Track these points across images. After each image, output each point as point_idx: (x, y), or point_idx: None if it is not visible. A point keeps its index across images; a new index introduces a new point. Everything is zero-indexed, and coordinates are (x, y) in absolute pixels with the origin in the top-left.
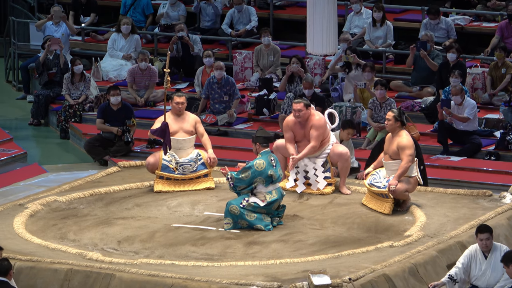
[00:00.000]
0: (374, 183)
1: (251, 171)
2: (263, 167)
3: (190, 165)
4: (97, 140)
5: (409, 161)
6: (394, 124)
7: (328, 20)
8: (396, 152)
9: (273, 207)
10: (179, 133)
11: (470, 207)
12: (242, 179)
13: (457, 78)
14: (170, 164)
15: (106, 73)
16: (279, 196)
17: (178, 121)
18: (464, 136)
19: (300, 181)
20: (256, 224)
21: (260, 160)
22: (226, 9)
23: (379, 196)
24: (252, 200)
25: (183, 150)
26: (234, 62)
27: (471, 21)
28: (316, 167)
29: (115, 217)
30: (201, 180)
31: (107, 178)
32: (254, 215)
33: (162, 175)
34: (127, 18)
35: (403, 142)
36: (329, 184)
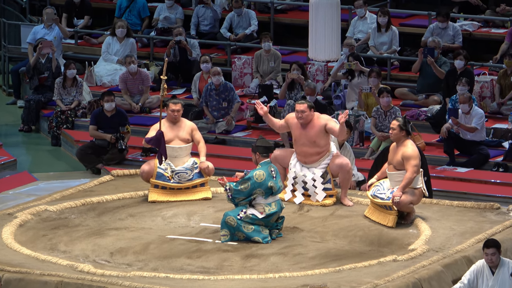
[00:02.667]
0: (377, 194)
1: (251, 182)
2: (263, 179)
3: (186, 173)
4: (89, 147)
5: (414, 172)
6: (399, 134)
7: (331, 24)
8: (400, 163)
9: (272, 220)
10: (175, 141)
11: (477, 221)
12: (241, 190)
13: (465, 86)
14: (165, 172)
15: (100, 78)
16: (279, 209)
17: (173, 129)
18: (471, 146)
19: (298, 191)
20: (253, 236)
21: (260, 171)
22: (225, 12)
23: (382, 208)
24: (250, 212)
25: (179, 158)
26: (233, 68)
27: (479, 27)
28: (315, 177)
29: (107, 228)
30: (198, 189)
31: (99, 187)
32: (251, 227)
33: (157, 183)
34: (122, 21)
35: (408, 152)
36: (330, 196)
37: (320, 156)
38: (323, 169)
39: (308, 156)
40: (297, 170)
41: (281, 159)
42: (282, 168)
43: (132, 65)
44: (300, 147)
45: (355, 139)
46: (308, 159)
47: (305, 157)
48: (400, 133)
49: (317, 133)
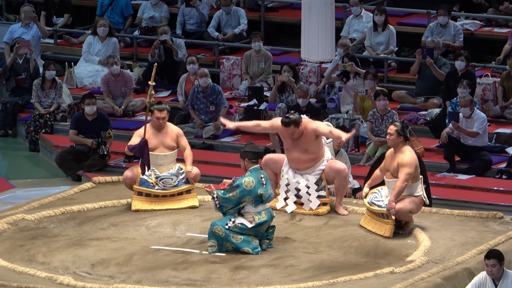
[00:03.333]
0: (374, 202)
1: (239, 190)
2: (252, 186)
3: (171, 179)
4: (69, 153)
5: (405, 180)
6: (396, 139)
7: (325, 23)
8: (397, 170)
9: (262, 229)
10: (159, 149)
11: (479, 231)
12: (229, 198)
13: (466, 88)
14: (149, 178)
15: (81, 80)
16: (269, 218)
17: (158, 136)
18: (473, 152)
19: (290, 199)
20: (243, 247)
21: (249, 178)
22: (213, 10)
23: (378, 217)
24: (239, 221)
25: (164, 166)
26: (221, 69)
27: (481, 26)
28: (309, 184)
29: (88, 238)
30: (184, 197)
31: (80, 195)
32: (240, 237)
33: (141, 190)
34: (104, 20)
35: (404, 159)
36: (324, 204)
37: (314, 162)
38: (317, 175)
39: (301, 163)
40: (289, 177)
41: (272, 165)
42: (274, 175)
43: (114, 66)
44: (292, 154)
45: (350, 145)
46: (301, 166)
47: (298, 164)
48: (398, 139)
49: (309, 141)
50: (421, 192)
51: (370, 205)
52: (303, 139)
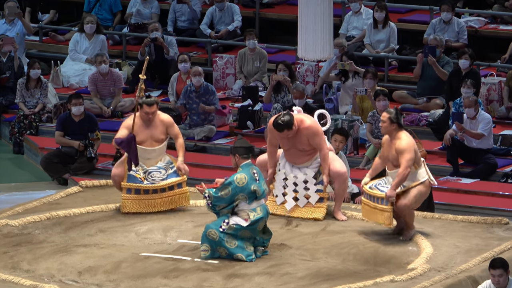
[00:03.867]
0: (378, 187)
1: (232, 187)
2: (245, 182)
3: (159, 173)
4: (55, 155)
5: (407, 167)
6: (389, 127)
7: (323, 20)
8: (396, 158)
9: (258, 227)
10: (148, 142)
11: (484, 237)
12: (221, 197)
13: (470, 88)
14: (137, 173)
15: (67, 79)
16: (264, 214)
17: (147, 129)
18: (477, 155)
19: (289, 196)
20: (236, 253)
21: (241, 174)
22: (205, 6)
23: (376, 203)
24: (234, 221)
25: (152, 159)
26: (214, 68)
27: (486, 23)
28: (307, 178)
29: (75, 245)
30: (175, 192)
31: (66, 200)
32: (235, 242)
33: (129, 187)
34: (92, 16)
35: (402, 145)
36: (321, 199)
37: (312, 155)
38: (315, 168)
39: (298, 157)
40: (287, 171)
41: (266, 166)
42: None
43: (103, 65)
44: (290, 152)
45: (349, 147)
46: (298, 160)
47: (295, 159)
48: (391, 126)
49: (306, 142)
50: (426, 176)
51: (371, 190)
52: (299, 140)
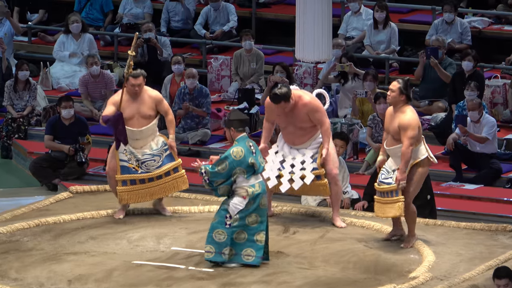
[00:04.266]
0: (383, 180)
1: (228, 161)
2: (242, 155)
3: (153, 161)
4: (45, 160)
5: (409, 145)
6: (398, 97)
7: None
8: (397, 132)
9: (262, 204)
10: (135, 119)
11: (488, 244)
12: (218, 172)
13: (473, 91)
14: (129, 163)
15: (57, 81)
16: (263, 191)
17: (133, 103)
18: (481, 159)
19: (285, 178)
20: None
21: (238, 147)
22: (200, 6)
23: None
24: (233, 206)
25: (141, 140)
26: (208, 69)
27: (490, 24)
28: (305, 159)
29: (65, 252)
30: (172, 178)
31: (56, 206)
32: (244, 236)
33: (124, 178)
34: (76, 15)
35: (405, 120)
36: (318, 177)
37: (311, 134)
38: (314, 149)
39: (296, 138)
40: (285, 153)
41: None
42: None
43: (94, 67)
44: (287, 130)
45: (348, 152)
46: (297, 141)
47: (293, 138)
48: (400, 97)
49: (304, 119)
50: (426, 153)
51: (379, 185)
52: (297, 116)
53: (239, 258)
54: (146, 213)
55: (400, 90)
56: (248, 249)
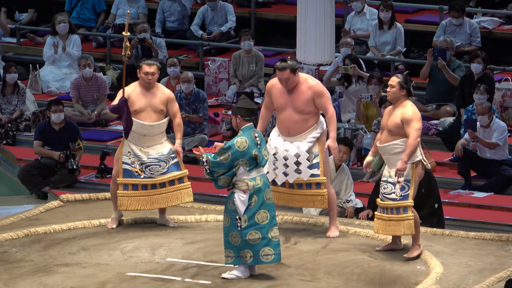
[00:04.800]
0: (386, 196)
1: (231, 151)
2: (246, 146)
3: (159, 166)
4: (34, 167)
5: (417, 137)
6: (398, 92)
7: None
8: (398, 126)
9: (266, 198)
10: (146, 112)
11: (498, 255)
12: (220, 162)
13: (483, 94)
14: (132, 167)
15: (47, 84)
16: (265, 184)
17: (146, 95)
18: (491, 166)
19: (279, 170)
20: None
21: (242, 137)
22: (197, 6)
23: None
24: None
25: (149, 137)
26: (206, 72)
27: (501, 24)
28: (300, 152)
29: (55, 264)
30: (176, 188)
31: (46, 215)
32: (258, 235)
33: (126, 182)
34: (63, 15)
35: (409, 113)
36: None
37: (307, 125)
38: (310, 143)
39: (292, 124)
40: (278, 145)
41: None
42: None
43: (87, 69)
44: (284, 114)
45: (352, 158)
46: (292, 129)
47: (288, 125)
48: (400, 92)
49: (306, 102)
50: (420, 156)
51: (382, 200)
52: (298, 98)
53: (259, 259)
54: (140, 223)
55: (400, 84)
56: (265, 249)
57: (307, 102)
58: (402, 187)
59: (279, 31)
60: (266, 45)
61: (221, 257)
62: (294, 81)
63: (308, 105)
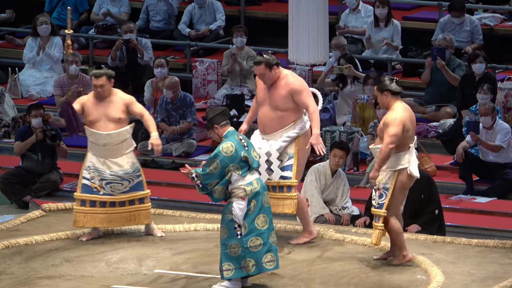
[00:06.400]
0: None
1: (219, 159)
2: (233, 150)
3: (121, 184)
4: (14, 175)
5: (389, 143)
6: (382, 98)
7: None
8: (381, 130)
9: (264, 202)
10: (102, 122)
11: (502, 263)
12: (210, 173)
13: (487, 94)
14: (92, 182)
15: (26, 88)
16: (262, 187)
17: (100, 106)
18: (494, 170)
19: (262, 167)
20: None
21: (227, 142)
22: (183, 4)
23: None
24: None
25: (110, 147)
26: (193, 74)
27: (503, 20)
28: (271, 151)
29: (38, 276)
30: (135, 208)
31: (27, 225)
32: (259, 241)
33: (84, 198)
34: (45, 16)
35: (390, 116)
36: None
37: (283, 124)
38: (284, 142)
39: (268, 121)
40: (255, 143)
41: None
42: None
43: (73, 66)
44: (262, 110)
45: (348, 163)
46: (267, 127)
47: (265, 122)
48: (383, 97)
49: (282, 98)
50: (406, 164)
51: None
52: (274, 94)
53: (262, 267)
54: (126, 233)
55: (379, 90)
56: (268, 255)
57: (284, 98)
58: (380, 194)
59: (270, 30)
60: (256, 45)
61: (211, 267)
62: (271, 77)
63: (284, 102)
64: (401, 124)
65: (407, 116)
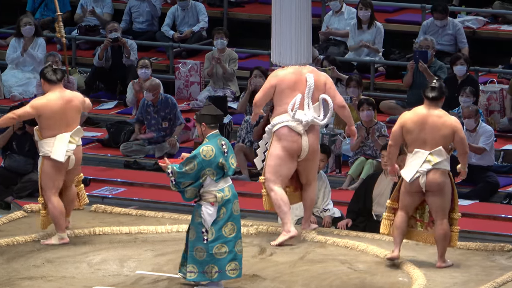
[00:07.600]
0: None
1: (197, 161)
2: (212, 155)
3: None
4: None
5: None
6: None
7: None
8: None
9: (234, 210)
10: None
11: (484, 266)
12: (186, 172)
13: (469, 97)
14: None
15: (9, 89)
16: (233, 196)
17: None
18: (476, 172)
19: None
20: (229, 261)
21: (208, 146)
22: (166, 6)
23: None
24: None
25: None
26: (176, 75)
27: (486, 23)
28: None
29: (19, 277)
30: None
31: (9, 226)
32: (224, 249)
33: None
34: (28, 17)
35: None
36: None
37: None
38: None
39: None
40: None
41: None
42: None
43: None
44: None
45: (330, 165)
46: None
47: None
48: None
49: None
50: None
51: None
52: None
53: (224, 275)
54: (108, 234)
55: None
56: (232, 263)
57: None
58: None
59: (253, 32)
60: (239, 46)
61: None
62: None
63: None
64: (400, 124)
65: (409, 118)
